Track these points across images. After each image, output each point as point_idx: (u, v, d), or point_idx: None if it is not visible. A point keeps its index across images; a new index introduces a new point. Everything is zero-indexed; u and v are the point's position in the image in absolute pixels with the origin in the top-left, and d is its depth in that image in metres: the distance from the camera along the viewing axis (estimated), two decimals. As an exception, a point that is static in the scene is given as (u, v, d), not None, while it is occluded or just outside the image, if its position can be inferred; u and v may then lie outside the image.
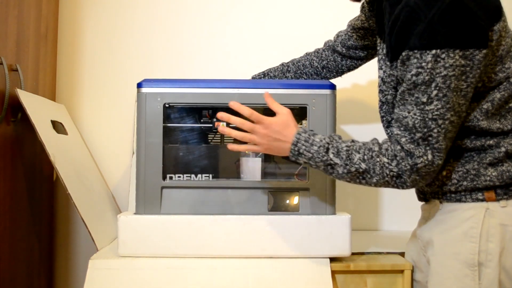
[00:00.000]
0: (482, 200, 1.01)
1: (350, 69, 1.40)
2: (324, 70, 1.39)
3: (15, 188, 1.35)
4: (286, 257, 1.18)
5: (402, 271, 1.19)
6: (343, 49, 1.36)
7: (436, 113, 0.93)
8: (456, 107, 0.94)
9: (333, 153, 1.00)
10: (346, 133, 1.70)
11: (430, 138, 0.94)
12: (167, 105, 1.22)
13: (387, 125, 1.11)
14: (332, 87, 1.21)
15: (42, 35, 1.54)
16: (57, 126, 1.48)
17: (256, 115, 1.05)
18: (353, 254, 1.22)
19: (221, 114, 1.06)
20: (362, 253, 1.28)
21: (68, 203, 1.66)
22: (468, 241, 1.00)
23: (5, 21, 1.29)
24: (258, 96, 1.22)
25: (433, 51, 0.91)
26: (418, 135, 0.95)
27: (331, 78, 1.41)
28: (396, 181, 0.98)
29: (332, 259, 1.19)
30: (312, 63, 1.40)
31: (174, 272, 1.16)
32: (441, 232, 1.05)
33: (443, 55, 0.91)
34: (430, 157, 0.95)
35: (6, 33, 1.30)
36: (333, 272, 1.18)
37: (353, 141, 1.02)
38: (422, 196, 1.13)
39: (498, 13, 0.96)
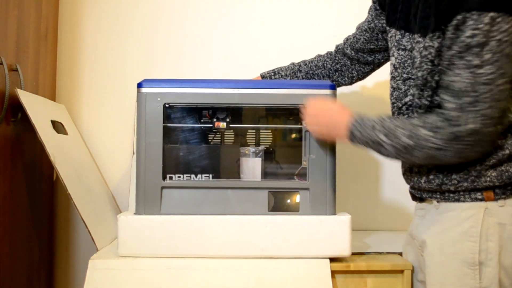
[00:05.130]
0: (481, 200, 1.01)
1: (359, 75, 1.39)
2: (337, 73, 1.39)
3: (15, 188, 1.35)
4: (286, 257, 1.18)
5: (402, 271, 1.19)
6: (352, 52, 1.35)
7: (487, 77, 0.91)
8: (507, 74, 0.92)
9: (379, 131, 1.01)
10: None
11: (478, 104, 0.92)
12: (167, 105, 1.22)
13: (398, 111, 1.12)
14: (332, 87, 1.21)
15: (42, 35, 1.54)
16: (57, 126, 1.48)
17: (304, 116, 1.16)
18: (353, 254, 1.22)
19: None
20: (362, 253, 1.28)
21: (68, 203, 1.66)
22: (468, 241, 1.00)
23: (5, 21, 1.29)
24: (259, 96, 1.22)
25: (491, 14, 0.90)
26: (467, 99, 0.92)
27: (342, 83, 1.40)
28: (440, 153, 0.96)
29: (332, 259, 1.19)
30: (325, 64, 1.39)
31: (174, 272, 1.16)
32: (439, 231, 1.05)
33: (499, 19, 0.90)
34: (472, 125, 0.92)
35: (6, 33, 1.30)
36: (333, 272, 1.18)
37: (398, 117, 1.05)
38: (418, 195, 1.13)
39: None
